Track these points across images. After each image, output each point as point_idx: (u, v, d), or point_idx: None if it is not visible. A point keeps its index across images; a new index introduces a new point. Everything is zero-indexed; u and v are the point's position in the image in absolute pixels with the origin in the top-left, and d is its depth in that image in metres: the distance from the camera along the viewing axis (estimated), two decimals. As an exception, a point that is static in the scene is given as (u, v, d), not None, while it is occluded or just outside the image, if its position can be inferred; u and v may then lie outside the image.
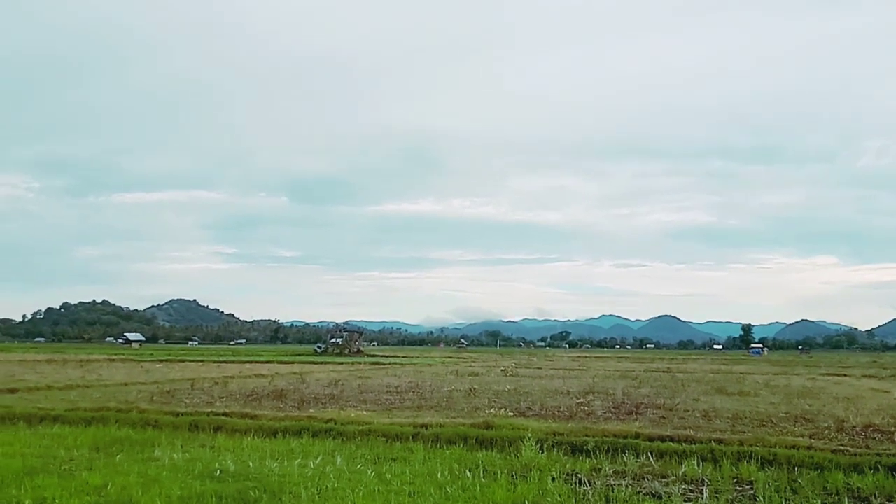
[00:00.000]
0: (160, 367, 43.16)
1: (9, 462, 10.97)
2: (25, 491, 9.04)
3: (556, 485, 9.81)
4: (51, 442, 13.13)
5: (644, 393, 25.70)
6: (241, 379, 31.71)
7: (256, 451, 12.46)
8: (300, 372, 38.53)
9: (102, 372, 36.82)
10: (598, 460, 11.94)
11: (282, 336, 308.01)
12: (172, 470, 10.51)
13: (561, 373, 42.31)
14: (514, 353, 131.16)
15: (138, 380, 30.25)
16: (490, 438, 13.57)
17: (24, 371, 35.58)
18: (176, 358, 62.45)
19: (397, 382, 30.39)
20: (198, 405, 19.10)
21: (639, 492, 9.65)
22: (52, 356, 60.54)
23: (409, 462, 11.52)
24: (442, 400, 21.91)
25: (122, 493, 8.99)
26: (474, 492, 9.32)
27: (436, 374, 38.25)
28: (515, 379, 34.35)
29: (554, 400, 22.15)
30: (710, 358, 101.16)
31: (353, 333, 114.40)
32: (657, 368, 51.66)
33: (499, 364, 56.32)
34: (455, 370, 43.57)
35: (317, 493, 9.11)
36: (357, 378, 33.87)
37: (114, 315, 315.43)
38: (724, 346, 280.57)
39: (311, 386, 27.56)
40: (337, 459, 11.49)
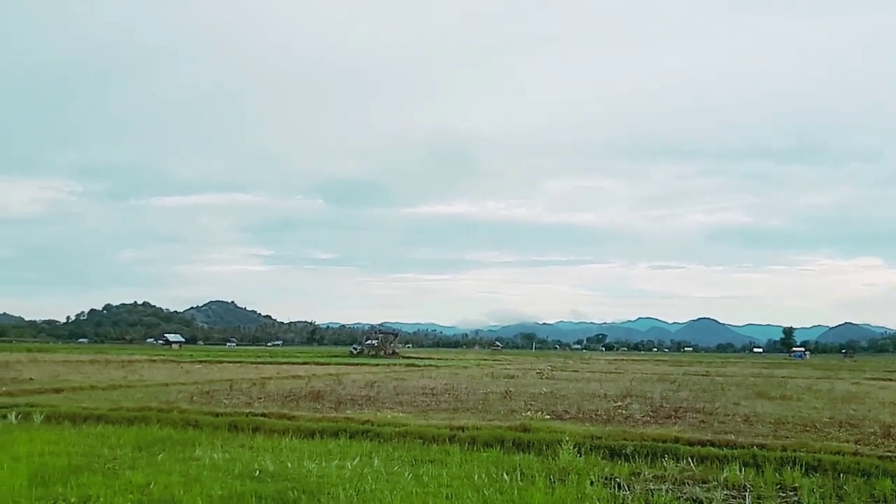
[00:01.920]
0: (199, 368, 43.82)
1: (55, 460, 11.20)
2: (71, 489, 9.22)
3: (594, 489, 9.71)
4: (95, 441, 13.38)
5: (683, 396, 25.36)
6: (279, 380, 32.04)
7: (295, 451, 12.55)
8: (336, 373, 38.82)
9: (144, 372, 37.51)
10: (637, 464, 11.79)
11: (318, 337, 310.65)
12: (213, 469, 10.64)
13: (597, 376, 41.98)
14: (549, 355, 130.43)
15: (178, 380, 30.74)
16: (527, 441, 13.50)
17: (69, 371, 36.37)
18: (214, 359, 63.33)
19: (433, 384, 30.42)
20: (236, 406, 19.34)
21: (679, 497, 9.52)
22: (95, 357, 61.84)
23: (446, 464, 11.51)
24: (478, 402, 21.87)
25: (164, 491, 9.12)
26: (512, 495, 9.26)
27: (471, 377, 38.22)
28: (551, 382, 34.17)
29: (591, 403, 21.97)
30: (751, 361, 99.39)
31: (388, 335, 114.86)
32: (696, 372, 50.96)
33: (534, 367, 56.07)
34: (490, 372, 43.51)
35: (355, 495, 9.14)
36: (393, 380, 34.00)
37: (154, 316, 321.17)
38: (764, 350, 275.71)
39: (348, 387, 27.73)
40: (374, 461, 11.52)
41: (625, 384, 32.19)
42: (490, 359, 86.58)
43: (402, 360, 72.85)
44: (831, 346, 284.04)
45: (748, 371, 54.68)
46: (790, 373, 52.33)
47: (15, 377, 30.17)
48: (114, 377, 31.88)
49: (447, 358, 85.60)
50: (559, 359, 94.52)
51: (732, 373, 50.26)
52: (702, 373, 48.95)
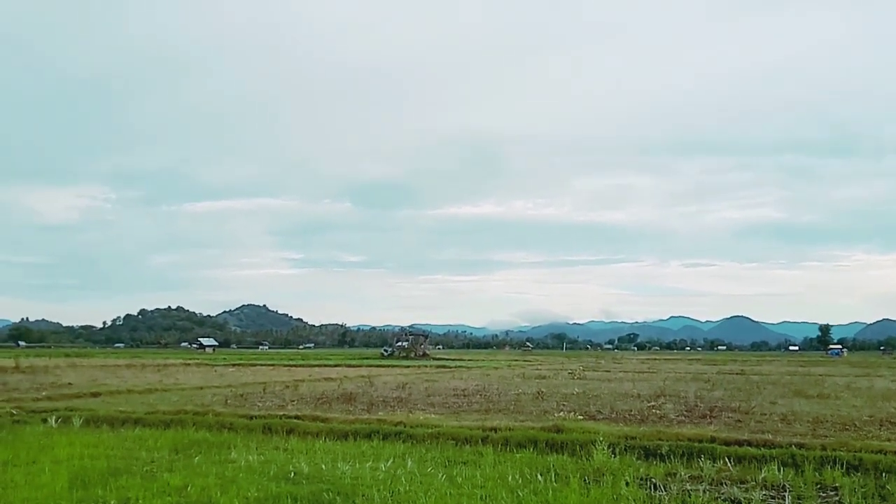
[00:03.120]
0: (233, 371, 44.29)
1: (94, 463, 11.40)
2: (110, 491, 9.37)
3: (630, 489, 9.62)
4: (133, 444, 13.58)
5: (717, 396, 25.03)
6: (311, 382, 32.25)
7: (328, 453, 12.62)
8: (368, 375, 38.97)
9: (179, 376, 38.01)
10: (673, 465, 11.66)
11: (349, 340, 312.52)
12: (248, 471, 10.74)
13: (630, 375, 41.60)
14: (580, 355, 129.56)
15: (213, 383, 31.09)
16: (560, 442, 13.42)
17: (106, 375, 36.97)
18: (247, 362, 63.98)
19: (464, 385, 30.39)
20: (270, 408, 19.50)
21: (717, 497, 9.39)
22: (131, 361, 62.81)
23: (480, 465, 11.48)
24: (510, 403, 21.80)
25: (201, 493, 9.23)
26: (546, 496, 9.21)
27: (502, 378, 38.11)
28: (583, 382, 33.94)
29: (624, 403, 21.78)
30: (786, 359, 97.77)
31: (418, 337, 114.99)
32: (730, 370, 50.25)
33: (566, 367, 55.74)
34: (522, 373, 43.34)
35: (389, 496, 9.16)
36: (424, 381, 34.04)
37: (188, 321, 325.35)
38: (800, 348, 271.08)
39: (379, 389, 27.82)
40: (408, 462, 11.53)
41: (658, 384, 31.85)
42: (521, 359, 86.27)
43: (433, 362, 72.89)
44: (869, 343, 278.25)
45: (784, 369, 53.79)
46: (827, 371, 51.37)
47: (54, 382, 30.75)
48: (150, 381, 32.35)
49: (478, 359, 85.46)
50: (591, 359, 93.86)
51: (768, 371, 49.48)
52: (736, 371, 48.23)
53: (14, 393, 24.26)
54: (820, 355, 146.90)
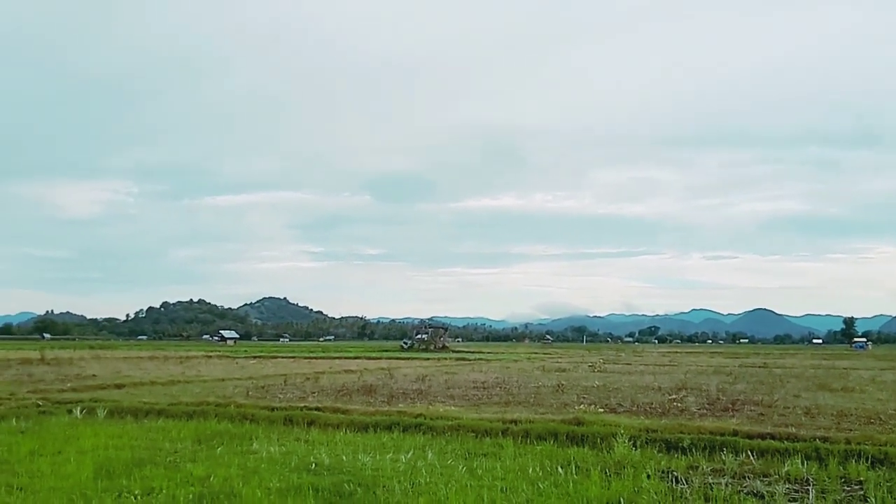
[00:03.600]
0: (254, 364, 44.64)
1: (119, 453, 11.54)
2: (135, 481, 9.47)
3: (651, 482, 9.57)
4: (156, 435, 13.72)
5: (740, 389, 24.84)
6: (332, 374, 32.43)
7: (349, 445, 12.68)
8: (388, 367, 39.11)
9: (201, 368, 38.38)
10: (695, 458, 11.57)
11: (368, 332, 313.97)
12: (270, 462, 10.82)
13: (651, 368, 41.42)
14: (601, 348, 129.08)
15: (234, 375, 31.37)
16: (581, 435, 13.37)
17: (129, 367, 37.40)
18: (268, 354, 64.46)
19: (483, 378, 30.40)
20: (291, 400, 19.62)
21: (740, 491, 9.30)
22: (154, 353, 63.52)
23: (500, 458, 11.48)
24: (529, 396, 21.78)
25: (224, 484, 9.30)
26: (567, 488, 9.19)
27: (522, 370, 38.09)
28: (604, 375, 33.85)
29: (645, 396, 21.68)
30: (810, 353, 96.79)
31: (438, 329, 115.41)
32: (752, 364, 49.85)
33: (586, 360, 55.60)
34: (541, 366, 43.28)
35: (410, 488, 9.18)
36: (443, 373, 34.11)
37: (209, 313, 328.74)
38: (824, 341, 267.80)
39: (399, 381, 27.91)
40: (428, 454, 11.56)
41: (679, 377, 31.67)
42: (540, 352, 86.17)
43: (453, 354, 73.02)
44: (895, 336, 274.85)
45: (808, 363, 53.28)
46: (852, 364, 50.79)
47: (79, 373, 31.17)
48: (172, 373, 32.68)
49: (497, 352, 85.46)
50: (611, 352, 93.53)
51: (791, 364, 49.03)
52: (759, 364, 47.84)
53: (40, 384, 24.61)
54: (844, 348, 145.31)
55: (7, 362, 40.49)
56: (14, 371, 32.68)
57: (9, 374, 30.06)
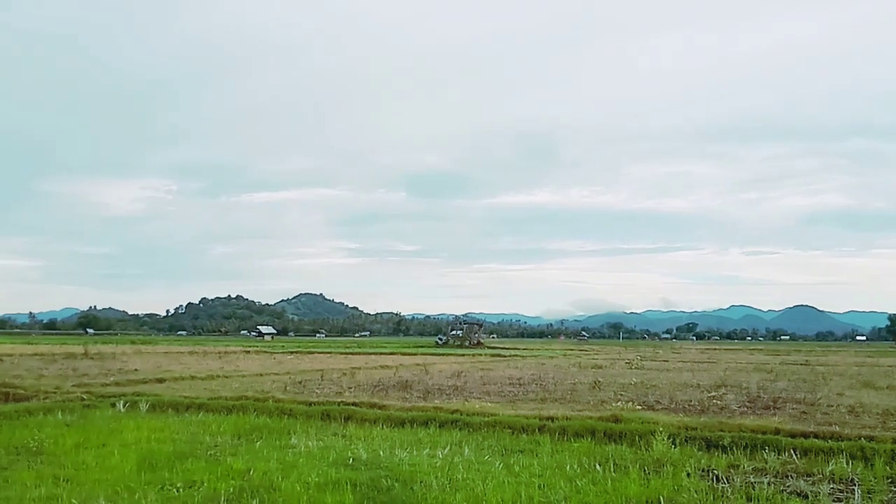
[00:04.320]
0: (291, 359, 45.07)
1: (161, 447, 11.75)
2: (177, 474, 9.64)
3: (691, 481, 9.44)
4: (197, 428, 13.93)
5: (781, 387, 24.37)
6: (368, 370, 32.59)
7: (386, 440, 12.74)
8: (423, 363, 39.16)
9: (239, 363, 38.85)
10: (736, 456, 11.39)
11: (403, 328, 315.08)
12: (308, 457, 10.92)
13: (689, 365, 40.88)
14: (638, 345, 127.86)
15: (272, 370, 31.69)
16: (619, 432, 13.25)
17: (170, 362, 38.03)
18: (305, 350, 65.03)
19: (519, 374, 30.29)
20: (328, 395, 19.77)
21: (783, 490, 9.14)
22: (194, 348, 64.51)
23: (537, 454, 11.44)
24: (566, 392, 21.64)
25: (263, 478, 9.42)
26: (605, 486, 9.11)
27: (558, 367, 37.87)
28: (641, 372, 33.48)
29: (683, 393, 21.40)
30: (854, 350, 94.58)
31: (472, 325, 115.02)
32: (794, 361, 48.89)
33: (622, 356, 55.07)
34: (577, 362, 43.00)
35: (447, 483, 9.18)
36: (479, 370, 34.06)
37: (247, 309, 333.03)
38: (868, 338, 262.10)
39: (435, 377, 27.93)
40: (464, 450, 11.56)
41: (718, 374, 31.21)
42: (576, 349, 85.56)
43: (488, 351, 72.87)
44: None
45: (851, 360, 52.07)
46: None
47: (121, 368, 31.78)
48: (211, 368, 33.14)
49: (532, 348, 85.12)
50: (648, 348, 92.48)
51: (834, 362, 47.98)
52: (800, 362, 46.91)
53: (84, 378, 25.14)
54: (889, 345, 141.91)
55: (52, 357, 41.48)
56: (59, 365, 33.46)
57: (54, 369, 30.78)
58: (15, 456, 11.05)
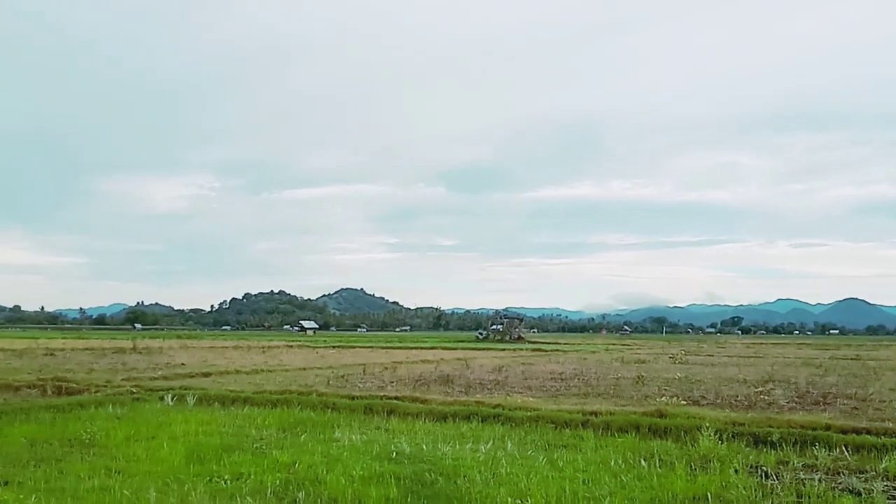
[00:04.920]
0: (333, 353, 45.53)
1: (208, 440, 11.96)
2: (224, 466, 9.81)
3: (739, 477, 9.28)
4: (242, 422, 14.15)
5: (831, 382, 23.81)
6: (409, 364, 32.74)
7: (428, 434, 12.78)
8: (464, 358, 39.20)
9: (282, 357, 39.37)
10: (785, 453, 11.16)
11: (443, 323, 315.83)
12: (352, 450, 11.00)
13: (734, 360, 40.19)
14: (681, 339, 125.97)
15: (315, 365, 32.06)
16: (664, 427, 13.09)
17: (215, 357, 38.68)
18: (347, 344, 65.63)
19: (561, 369, 30.13)
20: (370, 389, 19.91)
21: (834, 487, 8.93)
22: (238, 343, 65.54)
23: (581, 449, 11.36)
24: (609, 387, 21.46)
25: (308, 471, 9.52)
26: (651, 481, 9.01)
27: (600, 361, 37.57)
28: (685, 366, 33.01)
29: (730, 388, 21.05)
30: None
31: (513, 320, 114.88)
32: (844, 356, 47.72)
33: (666, 351, 54.36)
34: (620, 357, 42.57)
35: (491, 478, 9.18)
36: (520, 364, 33.98)
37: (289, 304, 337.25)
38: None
39: (476, 371, 27.94)
40: (507, 445, 11.54)
41: (765, 369, 30.60)
42: (618, 343, 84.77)
43: (528, 345, 72.66)
44: None
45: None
46: (953, 356, 48.00)
47: (168, 362, 32.46)
48: (255, 362, 33.65)
49: (574, 343, 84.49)
50: (692, 343, 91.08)
51: (886, 357, 46.70)
52: (851, 357, 45.76)
53: (133, 372, 25.76)
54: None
55: (102, 351, 42.57)
56: (109, 360, 34.32)
57: (104, 363, 31.58)
58: (69, 448, 11.36)
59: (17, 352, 40.01)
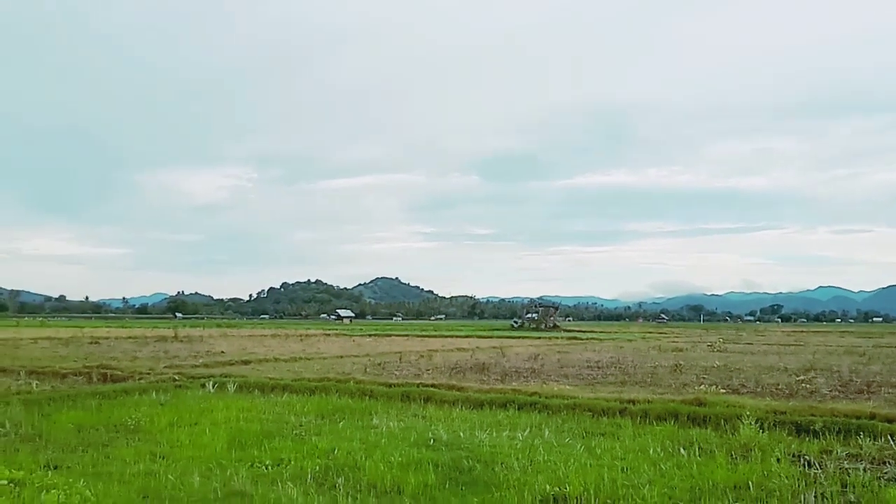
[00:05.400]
0: (369, 341, 45.86)
1: (249, 426, 12.15)
2: (265, 452, 9.97)
3: (781, 466, 9.14)
4: (282, 409, 14.34)
5: (875, 370, 23.33)
6: (444, 352, 32.84)
7: (465, 421, 12.81)
8: (499, 346, 39.20)
9: (320, 346, 39.80)
10: (828, 442, 10.97)
11: (478, 311, 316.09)
12: (390, 437, 11.09)
13: (774, 348, 39.57)
14: (719, 328, 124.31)
15: (351, 353, 32.35)
16: (703, 416, 12.94)
17: (254, 345, 39.24)
18: (383, 332, 66.06)
19: (597, 357, 29.98)
20: (407, 377, 20.03)
21: (880, 477, 8.74)
22: (276, 331, 66.39)
23: (619, 437, 11.30)
24: (646, 375, 21.30)
25: (347, 457, 9.63)
26: (691, 470, 8.93)
27: (637, 350, 37.28)
28: (724, 354, 32.61)
29: (770, 377, 20.74)
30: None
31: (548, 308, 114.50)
32: (888, 343, 46.70)
33: (704, 339, 53.73)
34: (657, 345, 42.20)
35: (528, 465, 9.18)
36: (556, 352, 33.88)
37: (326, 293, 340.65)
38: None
39: (511, 360, 27.94)
40: (545, 432, 11.52)
41: (807, 357, 30.09)
42: (655, 332, 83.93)
43: (564, 334, 72.33)
44: None
45: (951, 343, 49.33)
46: None
47: (209, 350, 33.04)
48: (293, 350, 34.06)
49: (610, 331, 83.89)
50: (730, 331, 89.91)
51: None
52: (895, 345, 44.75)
53: (175, 360, 26.26)
54: None
55: (145, 340, 43.47)
56: (151, 348, 35.03)
57: (147, 351, 32.25)
58: (115, 433, 11.64)
59: (63, 340, 41.10)
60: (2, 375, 20.36)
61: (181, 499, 7.81)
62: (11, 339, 40.86)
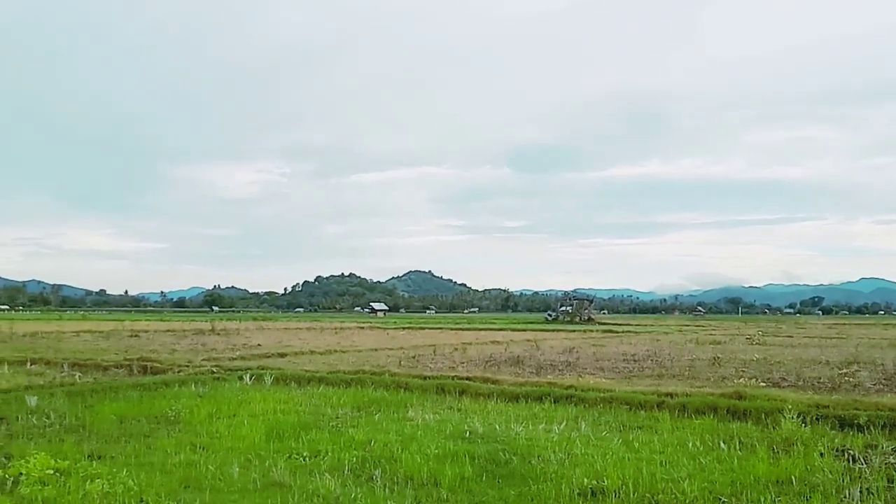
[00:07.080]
0: (403, 334, 46.01)
1: (286, 418, 12.28)
2: (302, 443, 10.06)
3: (825, 460, 8.96)
4: (318, 401, 14.46)
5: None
6: (479, 345, 32.80)
7: (501, 414, 12.79)
8: (533, 339, 39.00)
9: (354, 338, 40.02)
10: (873, 436, 10.71)
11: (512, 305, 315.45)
12: (426, 430, 11.11)
13: (815, 341, 38.77)
14: (758, 320, 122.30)
15: (386, 345, 32.47)
16: (743, 409, 12.75)
17: (290, 338, 39.64)
18: (416, 326, 66.21)
19: (633, 350, 29.67)
20: (441, 369, 20.03)
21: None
22: (311, 324, 66.97)
23: (657, 431, 11.18)
24: (684, 369, 21.02)
25: (384, 449, 9.67)
26: (731, 464, 8.79)
27: (673, 343, 36.83)
28: (763, 347, 32.05)
29: (811, 370, 20.33)
30: None
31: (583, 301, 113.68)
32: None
33: (742, 332, 52.87)
34: (694, 338, 41.63)
35: (566, 458, 9.12)
36: (591, 345, 33.63)
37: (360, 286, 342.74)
38: None
39: (546, 353, 27.78)
40: (581, 425, 11.44)
41: (849, 350, 29.41)
42: (692, 324, 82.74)
43: (599, 327, 71.78)
44: None
45: None
46: None
47: (245, 343, 33.43)
48: (329, 343, 34.28)
49: (645, 324, 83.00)
50: (769, 324, 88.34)
51: (980, 338, 44.26)
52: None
53: (212, 353, 26.62)
54: None
55: (183, 333, 44.15)
56: (189, 341, 35.57)
57: (185, 344, 32.75)
58: (155, 424, 11.85)
59: (104, 333, 41.93)
60: (46, 367, 20.83)
61: (221, 489, 7.92)
62: (54, 333, 41.79)
